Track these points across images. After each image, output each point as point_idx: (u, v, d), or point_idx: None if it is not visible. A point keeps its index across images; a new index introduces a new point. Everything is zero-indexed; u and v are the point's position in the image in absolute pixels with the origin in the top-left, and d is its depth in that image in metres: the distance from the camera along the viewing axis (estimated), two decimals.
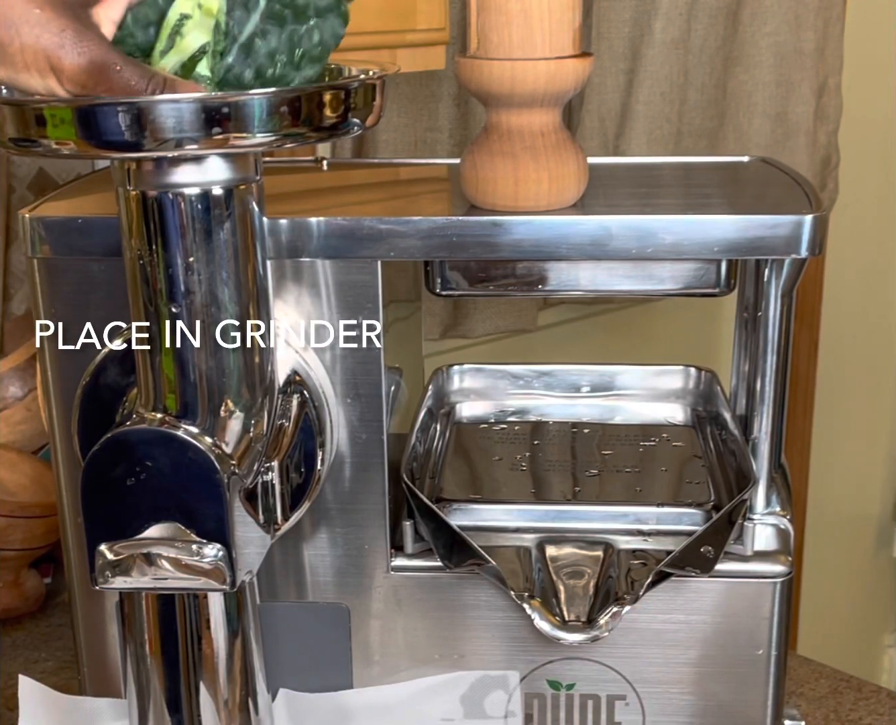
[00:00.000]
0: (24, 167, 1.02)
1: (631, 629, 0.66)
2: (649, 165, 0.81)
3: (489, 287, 0.70)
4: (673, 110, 1.20)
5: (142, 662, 0.60)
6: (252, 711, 0.63)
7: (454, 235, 0.62)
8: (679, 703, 0.68)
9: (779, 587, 0.66)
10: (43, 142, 0.49)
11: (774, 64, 1.26)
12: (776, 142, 1.29)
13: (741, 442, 0.70)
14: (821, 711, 0.84)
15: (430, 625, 0.68)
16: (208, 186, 0.52)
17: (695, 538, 0.64)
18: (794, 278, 0.65)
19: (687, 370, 0.85)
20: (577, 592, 0.65)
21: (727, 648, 0.67)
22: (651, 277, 0.68)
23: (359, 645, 0.69)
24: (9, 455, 0.91)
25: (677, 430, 0.81)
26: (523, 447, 0.79)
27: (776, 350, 0.66)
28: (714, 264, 0.68)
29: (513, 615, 0.67)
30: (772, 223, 0.61)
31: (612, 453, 0.78)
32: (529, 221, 0.62)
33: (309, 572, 0.68)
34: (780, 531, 0.68)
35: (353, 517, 0.67)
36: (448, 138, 1.14)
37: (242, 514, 0.55)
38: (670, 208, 0.65)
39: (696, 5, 1.20)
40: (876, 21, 1.47)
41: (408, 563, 0.68)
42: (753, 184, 0.76)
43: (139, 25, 0.51)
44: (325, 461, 0.64)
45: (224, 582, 0.55)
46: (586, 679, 0.68)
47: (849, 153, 1.37)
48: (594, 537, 0.68)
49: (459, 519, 0.69)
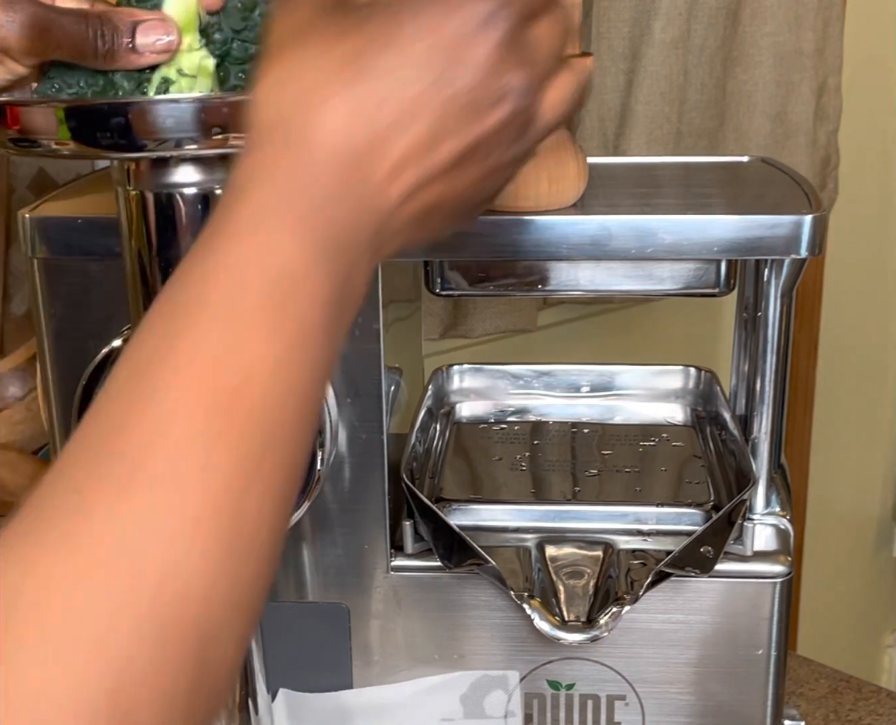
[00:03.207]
0: (24, 167, 1.02)
1: (631, 629, 0.66)
2: (649, 165, 0.81)
3: (489, 287, 0.70)
4: (673, 110, 1.20)
5: None
6: (252, 711, 0.63)
7: (454, 235, 0.62)
8: (679, 703, 0.68)
9: (779, 587, 0.66)
10: (43, 142, 0.49)
11: (774, 64, 1.26)
12: (776, 142, 1.28)
13: (741, 442, 0.70)
14: (821, 711, 0.84)
15: (429, 625, 0.68)
16: (208, 186, 0.52)
17: (694, 538, 0.64)
18: (794, 278, 0.65)
19: (687, 370, 0.85)
20: (576, 592, 0.65)
21: (727, 648, 0.67)
22: (651, 277, 0.68)
23: (358, 645, 0.69)
24: (9, 455, 0.91)
25: (677, 430, 0.81)
26: (523, 447, 0.79)
27: (776, 350, 0.66)
28: (714, 264, 0.68)
29: (513, 615, 0.67)
30: (771, 223, 0.61)
31: (612, 453, 0.78)
32: (529, 220, 0.62)
33: (309, 572, 0.68)
34: (779, 531, 0.68)
35: (353, 517, 0.67)
36: None
37: None
38: (670, 208, 0.65)
39: (695, 5, 1.20)
40: (876, 21, 1.47)
41: (408, 563, 0.68)
42: (753, 184, 0.76)
43: (127, 77, 0.52)
44: (325, 461, 0.64)
45: None
46: (586, 679, 0.68)
47: (849, 153, 1.37)
48: (594, 537, 0.68)
49: (459, 519, 0.69)
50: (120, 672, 0.30)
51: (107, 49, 0.50)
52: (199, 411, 0.33)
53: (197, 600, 0.31)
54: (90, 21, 0.49)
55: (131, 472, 0.32)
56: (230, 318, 0.34)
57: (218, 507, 0.32)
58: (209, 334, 0.34)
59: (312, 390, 0.36)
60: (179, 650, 0.31)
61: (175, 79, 0.51)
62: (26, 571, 0.30)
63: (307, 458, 0.37)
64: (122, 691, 0.30)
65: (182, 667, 0.31)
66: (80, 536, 0.31)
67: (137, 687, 0.30)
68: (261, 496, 0.34)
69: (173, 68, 0.51)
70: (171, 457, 0.32)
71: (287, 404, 0.35)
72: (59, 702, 0.29)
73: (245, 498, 0.33)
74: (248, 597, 0.34)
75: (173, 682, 0.31)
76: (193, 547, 0.32)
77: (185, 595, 0.31)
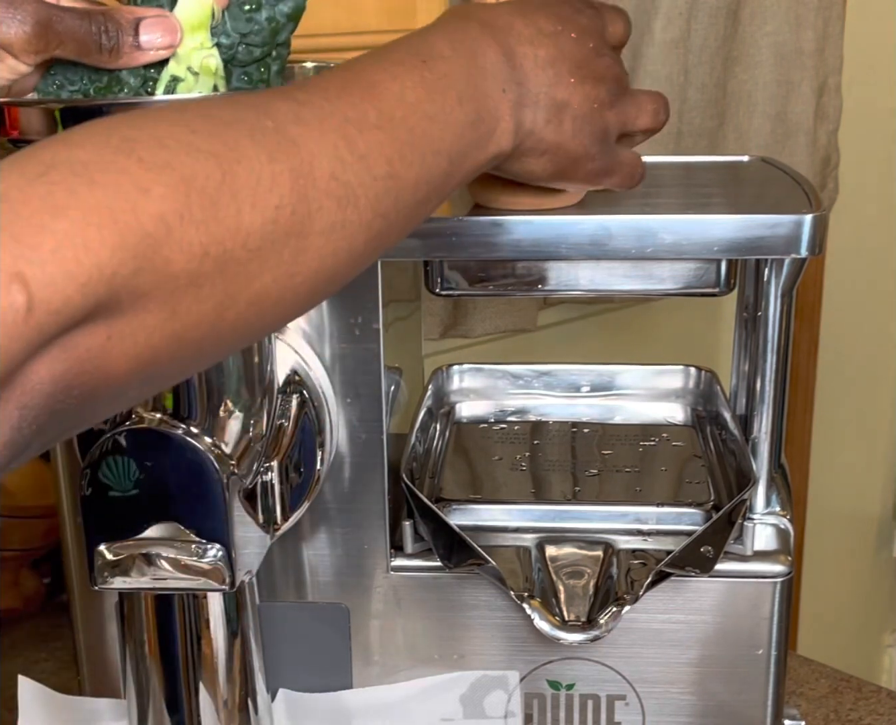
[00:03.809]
0: None
1: (631, 629, 0.66)
2: (649, 165, 0.81)
3: (489, 287, 0.70)
4: (673, 110, 1.20)
5: (141, 662, 0.60)
6: (252, 711, 0.63)
7: (454, 235, 0.62)
8: (679, 703, 0.68)
9: (779, 586, 0.66)
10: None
11: (774, 64, 1.26)
12: (776, 141, 1.28)
13: (741, 442, 0.69)
14: (821, 711, 0.84)
15: (429, 625, 0.68)
16: None
17: (695, 538, 0.64)
18: (794, 278, 0.65)
19: (687, 370, 0.85)
20: (576, 592, 0.65)
21: (727, 648, 0.67)
22: (651, 276, 0.68)
23: (358, 645, 0.69)
24: None
25: (677, 430, 0.81)
26: (523, 447, 0.79)
27: (776, 350, 0.66)
28: (714, 264, 0.68)
29: (513, 615, 0.67)
30: (772, 223, 0.61)
31: (612, 452, 0.78)
32: (529, 221, 0.62)
33: (309, 572, 0.68)
34: (780, 530, 0.68)
35: (353, 517, 0.67)
36: None
37: (242, 514, 0.55)
38: (670, 208, 0.65)
39: (696, 5, 1.20)
40: (876, 21, 1.47)
41: (408, 563, 0.68)
42: (753, 183, 0.76)
43: (133, 74, 0.51)
44: (324, 461, 0.64)
45: (223, 582, 0.55)
46: (586, 679, 0.68)
47: (849, 153, 1.37)
48: (594, 537, 0.68)
49: (459, 519, 0.69)
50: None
51: (111, 46, 0.50)
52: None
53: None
54: (94, 18, 0.49)
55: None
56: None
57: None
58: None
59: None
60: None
61: (184, 77, 0.51)
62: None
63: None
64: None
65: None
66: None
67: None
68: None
69: (183, 66, 0.51)
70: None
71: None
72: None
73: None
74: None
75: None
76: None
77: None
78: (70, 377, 0.33)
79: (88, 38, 0.49)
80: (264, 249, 0.38)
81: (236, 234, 0.37)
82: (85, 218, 0.32)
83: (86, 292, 0.32)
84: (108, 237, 0.32)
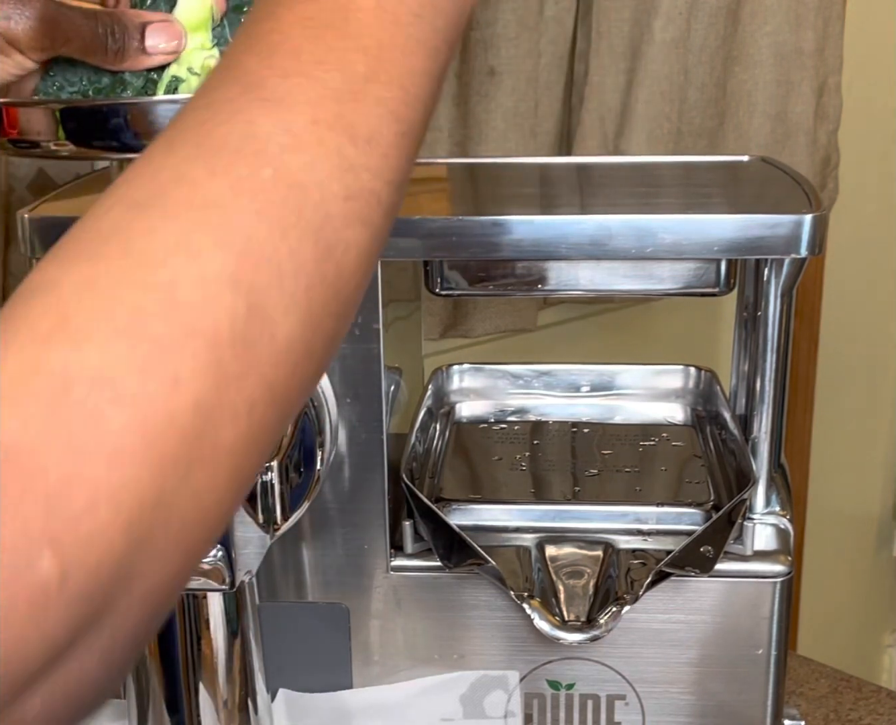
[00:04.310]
0: (24, 168, 1.02)
1: (631, 629, 0.66)
2: (649, 165, 0.81)
3: (489, 287, 0.70)
4: (673, 110, 1.20)
5: (141, 662, 0.60)
6: (252, 711, 0.63)
7: (454, 235, 0.62)
8: (679, 703, 0.68)
9: (779, 586, 0.66)
10: (42, 143, 0.49)
11: (774, 63, 1.26)
12: (776, 141, 1.28)
13: (741, 442, 0.69)
14: (821, 711, 0.84)
15: (429, 625, 0.68)
16: None
17: (694, 538, 0.64)
18: (794, 278, 0.65)
19: (687, 370, 0.85)
20: (576, 592, 0.65)
21: (727, 648, 0.67)
22: (651, 276, 0.68)
23: (358, 645, 0.69)
24: None
25: (677, 430, 0.81)
26: (523, 447, 0.79)
27: (776, 350, 0.66)
28: (714, 264, 0.68)
29: (513, 615, 0.67)
30: (772, 223, 0.61)
31: (612, 452, 0.78)
32: (529, 220, 0.62)
33: (309, 572, 0.68)
34: (779, 530, 0.68)
35: (353, 517, 0.67)
36: (448, 138, 1.14)
37: (241, 514, 0.55)
38: (670, 208, 0.65)
39: (695, 5, 1.20)
40: (876, 21, 1.47)
41: (407, 563, 0.68)
42: (753, 183, 0.76)
43: (135, 74, 0.52)
44: (324, 461, 0.64)
45: (223, 582, 0.55)
46: (586, 678, 0.68)
47: (849, 153, 1.37)
48: (594, 537, 0.68)
49: (459, 519, 0.69)
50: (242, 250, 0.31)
51: (117, 48, 0.50)
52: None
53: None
54: (100, 19, 0.49)
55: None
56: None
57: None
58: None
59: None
60: (301, 232, 0.32)
61: (185, 77, 0.51)
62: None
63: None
64: (246, 265, 0.31)
65: (303, 252, 0.32)
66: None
67: (261, 264, 0.31)
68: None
69: (184, 67, 0.51)
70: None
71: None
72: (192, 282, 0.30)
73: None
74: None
75: (296, 263, 0.32)
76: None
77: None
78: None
79: (94, 39, 0.49)
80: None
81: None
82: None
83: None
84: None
